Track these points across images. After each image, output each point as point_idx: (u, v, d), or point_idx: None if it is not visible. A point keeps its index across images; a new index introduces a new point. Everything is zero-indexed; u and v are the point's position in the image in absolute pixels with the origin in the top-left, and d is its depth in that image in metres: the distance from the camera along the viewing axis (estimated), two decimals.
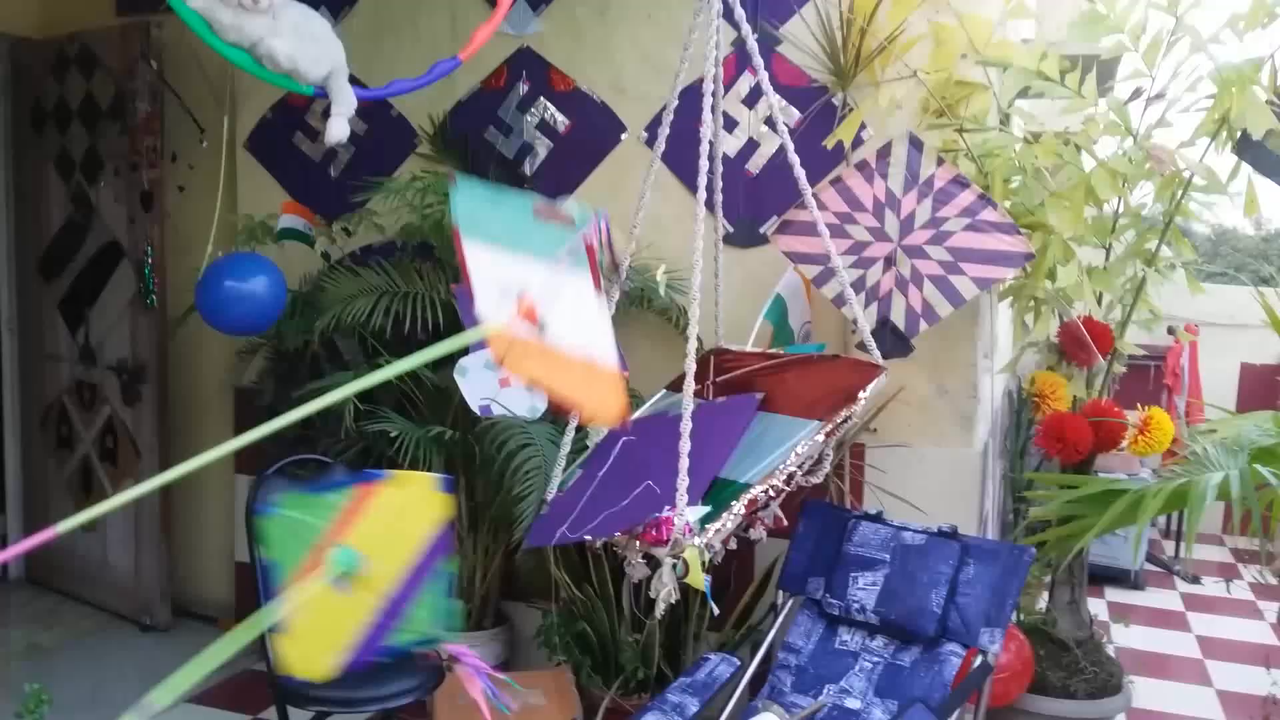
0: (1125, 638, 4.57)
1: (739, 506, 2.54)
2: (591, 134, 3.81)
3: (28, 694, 3.07)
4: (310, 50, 2.46)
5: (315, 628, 1.42)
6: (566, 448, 3.01)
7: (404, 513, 1.47)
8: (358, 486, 1.46)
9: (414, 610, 1.45)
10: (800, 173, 2.82)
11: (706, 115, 2.65)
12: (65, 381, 4.71)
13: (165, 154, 4.39)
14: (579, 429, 3.07)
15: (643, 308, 3.58)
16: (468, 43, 2.65)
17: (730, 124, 3.56)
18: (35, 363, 4.86)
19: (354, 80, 2.66)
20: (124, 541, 4.50)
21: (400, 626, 1.44)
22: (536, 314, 1.31)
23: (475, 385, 3.31)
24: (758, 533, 2.99)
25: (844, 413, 2.75)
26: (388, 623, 1.43)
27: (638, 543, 2.52)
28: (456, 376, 3.28)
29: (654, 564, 2.49)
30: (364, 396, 3.55)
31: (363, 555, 1.40)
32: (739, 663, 2.82)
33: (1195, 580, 5.58)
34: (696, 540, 2.43)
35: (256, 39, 2.37)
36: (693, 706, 2.59)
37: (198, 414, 4.60)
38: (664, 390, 3.15)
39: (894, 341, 3.09)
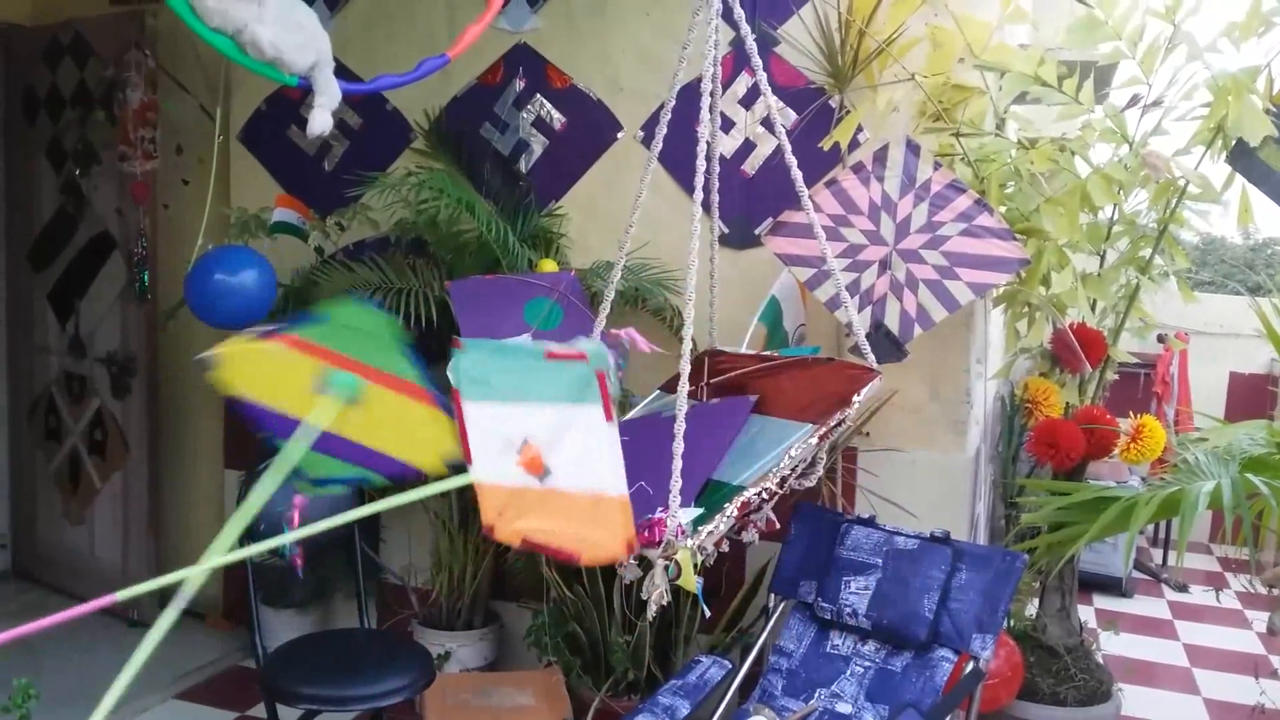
0: (1114, 645, 4.57)
1: (732, 509, 2.53)
2: (588, 131, 3.79)
3: (15, 688, 3.04)
4: (295, 39, 2.43)
5: (271, 367, 1.39)
6: None
7: (421, 424, 1.44)
8: (423, 386, 1.44)
9: (336, 463, 1.42)
10: (797, 174, 2.81)
11: (704, 115, 2.64)
12: (54, 373, 4.68)
13: (168, 145, 4.37)
14: None
15: (637, 308, 3.57)
16: (457, 39, 2.64)
17: (727, 124, 3.55)
18: (24, 354, 4.82)
19: (349, 73, 2.65)
20: (112, 536, 4.48)
21: (317, 455, 1.39)
22: (540, 461, 1.33)
23: None
24: (750, 535, 2.97)
25: (837, 416, 2.75)
26: (317, 441, 1.38)
27: None
28: (449, 374, 3.26)
29: (646, 565, 2.48)
30: None
31: (360, 400, 1.38)
32: (730, 665, 2.82)
33: (1183, 588, 5.60)
34: (689, 542, 2.41)
35: (241, 25, 2.34)
36: (684, 709, 2.58)
37: (188, 407, 4.57)
38: (657, 391, 3.14)
39: (887, 346, 3.08)
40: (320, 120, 2.51)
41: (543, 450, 1.35)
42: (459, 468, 1.52)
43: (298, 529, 1.47)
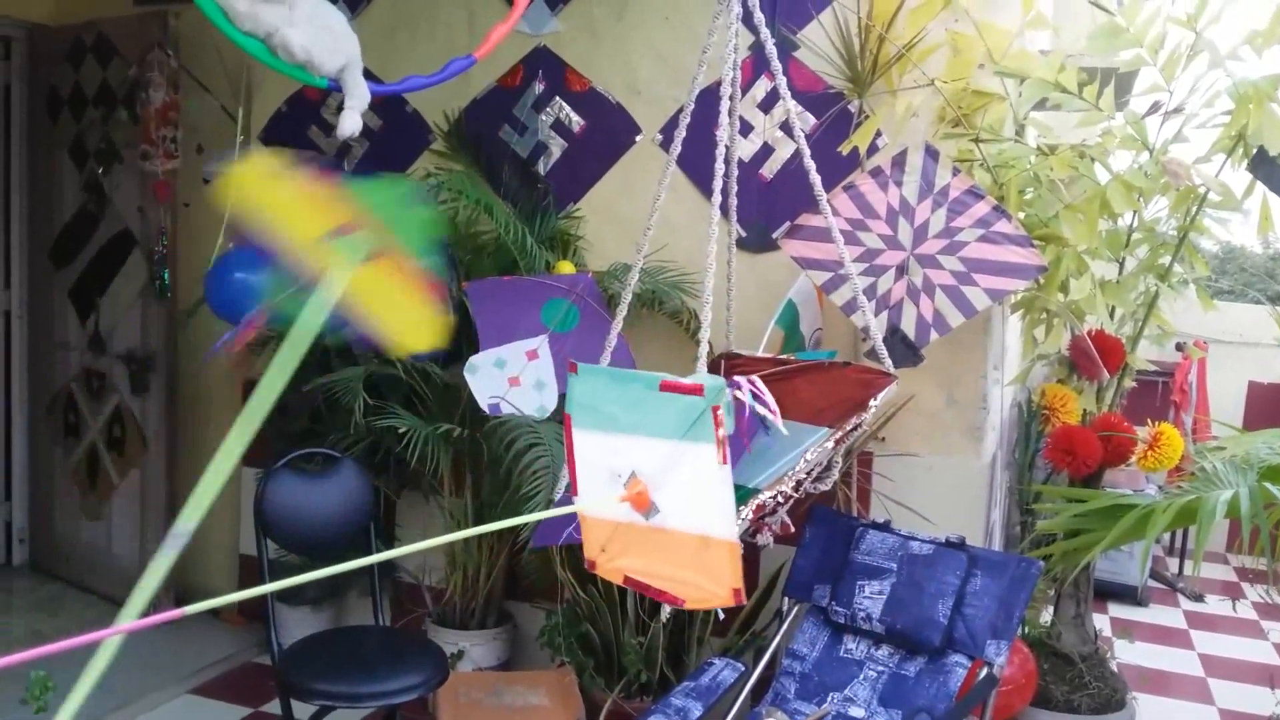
0: (1128, 654, 4.55)
1: (747, 512, 2.53)
2: (606, 135, 3.80)
3: (32, 681, 3.08)
4: (325, 42, 2.45)
5: (290, 198, 1.33)
6: None
7: (414, 308, 1.38)
8: (435, 278, 1.37)
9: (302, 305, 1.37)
10: (815, 178, 2.81)
11: (723, 119, 2.65)
12: (74, 370, 4.71)
13: (189, 145, 4.40)
14: None
15: (654, 310, 3.57)
16: (484, 41, 2.65)
17: (746, 128, 3.55)
18: (44, 350, 4.86)
19: (369, 75, 2.66)
20: (129, 531, 4.50)
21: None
22: (647, 497, 1.30)
23: (485, 383, 3.30)
24: (765, 538, 2.97)
25: (853, 420, 2.74)
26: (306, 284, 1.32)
27: None
28: (466, 374, 3.28)
29: None
30: (373, 392, 3.56)
31: (367, 263, 1.30)
32: (743, 668, 2.82)
33: (1199, 598, 5.56)
34: None
35: (272, 29, 2.36)
36: (696, 711, 2.58)
37: (206, 405, 4.60)
38: None
39: (904, 351, 3.08)
40: (351, 121, 2.53)
41: (650, 487, 1.31)
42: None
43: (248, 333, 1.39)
